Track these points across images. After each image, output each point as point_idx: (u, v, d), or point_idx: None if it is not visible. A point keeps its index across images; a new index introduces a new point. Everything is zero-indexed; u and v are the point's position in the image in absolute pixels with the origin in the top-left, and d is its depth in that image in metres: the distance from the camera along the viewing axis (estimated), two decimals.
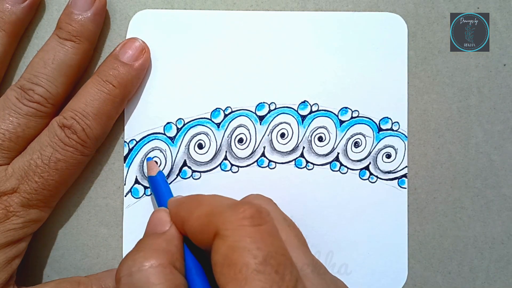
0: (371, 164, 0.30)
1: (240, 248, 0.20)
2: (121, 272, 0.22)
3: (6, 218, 0.26)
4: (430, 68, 0.30)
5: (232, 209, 0.21)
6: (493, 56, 0.30)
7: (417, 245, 0.30)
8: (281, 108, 0.30)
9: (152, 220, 0.25)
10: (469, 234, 0.30)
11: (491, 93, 0.30)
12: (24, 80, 0.27)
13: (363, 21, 0.30)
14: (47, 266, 0.30)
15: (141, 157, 0.30)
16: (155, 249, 0.22)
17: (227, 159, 0.30)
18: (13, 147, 0.27)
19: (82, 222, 0.30)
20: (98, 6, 0.28)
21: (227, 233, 0.20)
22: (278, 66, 0.30)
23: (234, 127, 0.30)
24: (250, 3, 0.30)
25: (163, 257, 0.22)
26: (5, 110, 0.27)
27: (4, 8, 0.28)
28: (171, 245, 0.23)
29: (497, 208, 0.30)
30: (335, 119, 0.30)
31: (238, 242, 0.20)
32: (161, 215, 0.25)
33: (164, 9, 0.30)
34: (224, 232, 0.20)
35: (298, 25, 0.30)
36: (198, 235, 0.22)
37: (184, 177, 0.30)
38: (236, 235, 0.20)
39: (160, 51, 0.30)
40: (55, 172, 0.27)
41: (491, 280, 0.30)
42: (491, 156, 0.30)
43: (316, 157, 0.30)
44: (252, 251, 0.20)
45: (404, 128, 0.30)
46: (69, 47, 0.28)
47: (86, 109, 0.27)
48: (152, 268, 0.21)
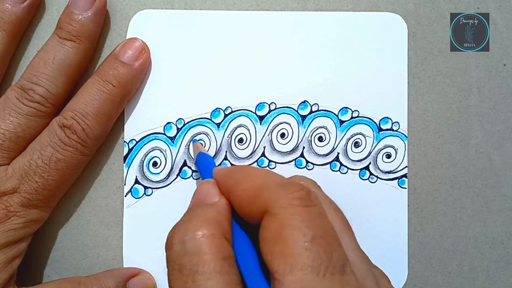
0: (371, 164, 0.30)
1: (290, 226, 0.20)
2: (173, 240, 0.22)
3: (7, 218, 0.26)
4: (430, 68, 0.30)
5: (282, 188, 0.21)
6: (493, 56, 0.30)
7: (417, 245, 0.30)
8: (281, 108, 0.30)
9: (199, 191, 0.25)
10: (469, 234, 0.30)
11: (491, 93, 0.30)
12: (24, 80, 0.27)
13: (363, 21, 0.30)
14: (47, 266, 0.30)
15: (141, 157, 0.30)
16: (207, 219, 0.22)
17: (227, 159, 0.30)
18: (13, 147, 0.27)
19: (82, 222, 0.30)
20: (98, 6, 0.28)
21: (278, 211, 0.20)
22: (278, 66, 0.30)
23: (234, 127, 0.30)
24: (250, 3, 0.30)
25: (214, 228, 0.22)
26: (5, 110, 0.27)
27: (4, 8, 0.28)
28: (221, 216, 0.23)
29: (497, 208, 0.30)
30: (335, 119, 0.30)
31: (288, 220, 0.20)
32: (210, 186, 0.25)
33: (164, 9, 0.30)
34: (274, 209, 0.21)
35: (298, 25, 0.30)
36: (245, 207, 0.22)
37: (184, 177, 0.30)
38: (287, 213, 0.20)
39: (160, 51, 0.30)
40: (55, 172, 0.27)
41: (491, 280, 0.30)
42: (491, 156, 0.30)
43: (316, 157, 0.30)
44: (302, 229, 0.20)
45: (404, 128, 0.30)
46: (69, 47, 0.28)
47: (86, 109, 0.27)
48: (204, 238, 0.21)
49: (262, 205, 0.21)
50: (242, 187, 0.23)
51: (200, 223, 0.22)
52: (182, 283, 0.21)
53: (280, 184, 0.22)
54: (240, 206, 0.23)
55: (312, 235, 0.20)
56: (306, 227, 0.20)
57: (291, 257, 0.19)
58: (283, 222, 0.20)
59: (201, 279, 0.20)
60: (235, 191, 0.23)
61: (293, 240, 0.20)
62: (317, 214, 0.21)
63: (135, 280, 0.28)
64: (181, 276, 0.21)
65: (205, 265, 0.21)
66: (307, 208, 0.21)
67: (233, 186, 0.23)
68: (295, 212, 0.20)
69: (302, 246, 0.19)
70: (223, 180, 0.24)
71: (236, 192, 0.23)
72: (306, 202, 0.21)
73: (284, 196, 0.21)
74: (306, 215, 0.20)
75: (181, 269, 0.21)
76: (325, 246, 0.20)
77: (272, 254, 0.20)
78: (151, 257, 0.29)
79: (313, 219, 0.20)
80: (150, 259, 0.29)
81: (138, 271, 0.29)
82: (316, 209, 0.21)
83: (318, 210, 0.21)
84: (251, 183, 0.22)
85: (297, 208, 0.20)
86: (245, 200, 0.22)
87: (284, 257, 0.20)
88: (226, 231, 0.22)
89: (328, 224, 0.21)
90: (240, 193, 0.23)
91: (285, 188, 0.21)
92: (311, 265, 0.19)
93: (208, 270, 0.21)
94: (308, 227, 0.20)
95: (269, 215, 0.21)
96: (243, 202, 0.22)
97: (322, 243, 0.20)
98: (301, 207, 0.21)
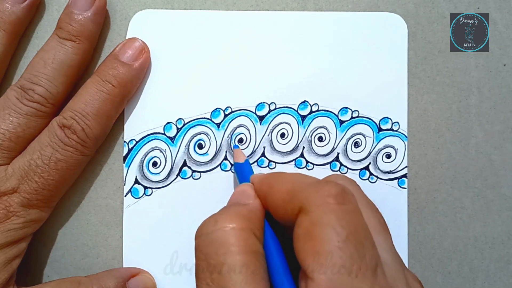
0: (371, 164, 0.30)
1: (323, 224, 0.20)
2: (202, 230, 0.22)
3: (6, 218, 0.26)
4: (430, 68, 0.30)
5: (315, 187, 0.21)
6: (493, 56, 0.30)
7: (417, 245, 0.30)
8: (281, 108, 0.30)
9: (236, 192, 0.25)
10: (469, 234, 0.30)
11: (491, 93, 0.30)
12: (24, 80, 0.27)
13: (363, 21, 0.30)
14: (47, 266, 0.30)
15: (140, 157, 0.30)
16: (238, 214, 0.22)
17: (227, 159, 0.30)
18: (13, 147, 0.27)
19: (82, 222, 0.30)
20: (98, 6, 0.28)
21: (311, 209, 0.20)
22: (278, 66, 0.30)
23: (234, 127, 0.30)
24: (250, 3, 0.30)
25: (244, 223, 0.22)
26: (5, 110, 0.27)
27: (4, 8, 0.28)
28: (253, 214, 0.23)
29: (497, 208, 0.30)
30: (335, 119, 0.30)
31: (321, 218, 0.20)
32: (246, 188, 0.25)
33: (164, 9, 0.30)
34: (308, 207, 0.21)
35: (298, 25, 0.30)
36: (280, 209, 0.22)
37: (184, 177, 0.30)
38: (321, 211, 0.20)
39: (160, 51, 0.30)
40: (55, 172, 0.27)
41: (491, 280, 0.30)
42: (491, 156, 0.30)
43: (316, 157, 0.30)
44: (336, 228, 0.20)
45: (404, 128, 0.30)
46: (69, 47, 0.28)
47: (85, 109, 0.27)
48: (233, 230, 0.21)
49: (296, 205, 0.21)
50: (275, 190, 0.23)
51: (231, 217, 0.22)
52: (208, 273, 0.21)
53: (314, 183, 0.22)
54: (275, 209, 0.23)
55: (345, 235, 0.20)
56: (340, 225, 0.20)
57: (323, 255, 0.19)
58: (316, 220, 0.20)
59: (227, 270, 0.20)
60: (269, 194, 0.23)
61: (326, 238, 0.20)
62: (352, 213, 0.21)
63: (135, 280, 0.28)
64: (207, 266, 0.21)
65: (231, 256, 0.21)
66: (341, 206, 0.20)
67: (267, 190, 0.23)
68: (329, 210, 0.20)
69: (335, 245, 0.19)
70: (259, 186, 0.25)
71: (271, 196, 0.23)
72: (341, 200, 0.21)
73: (318, 194, 0.21)
74: (340, 214, 0.20)
75: (207, 259, 0.21)
76: (358, 246, 0.20)
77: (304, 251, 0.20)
78: (151, 257, 0.29)
79: (348, 217, 0.20)
80: (150, 259, 0.29)
81: (138, 271, 0.29)
82: (351, 207, 0.21)
83: (353, 208, 0.21)
84: (285, 186, 0.23)
85: (332, 206, 0.20)
86: (279, 202, 0.22)
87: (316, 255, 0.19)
88: (256, 228, 0.22)
89: (362, 223, 0.21)
90: (273, 196, 0.23)
91: (320, 187, 0.21)
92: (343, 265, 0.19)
93: (234, 262, 0.21)
94: (342, 226, 0.20)
95: (303, 213, 0.21)
96: (278, 205, 0.22)
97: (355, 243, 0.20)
98: (336, 205, 0.20)
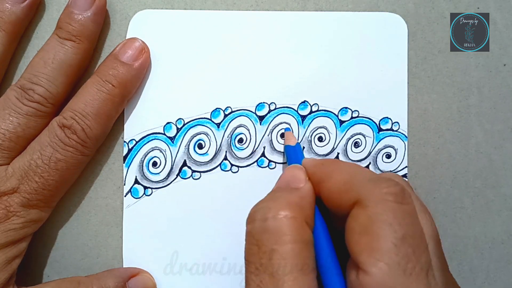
0: (371, 164, 0.30)
1: (381, 221, 0.20)
2: (255, 215, 0.22)
3: (7, 218, 0.26)
4: (430, 68, 0.30)
5: (375, 182, 0.21)
6: (493, 56, 0.30)
7: None
8: (281, 108, 0.30)
9: (286, 175, 0.25)
10: (469, 234, 0.30)
11: (491, 93, 0.30)
12: (24, 80, 0.27)
13: (363, 21, 0.30)
14: (47, 266, 0.30)
15: (140, 157, 0.30)
16: (290, 202, 0.22)
17: (227, 159, 0.30)
18: (13, 147, 0.27)
19: (82, 222, 0.30)
20: (98, 6, 0.28)
21: (370, 204, 0.20)
22: (278, 66, 0.30)
23: (234, 127, 0.30)
24: (250, 3, 0.30)
25: (297, 211, 0.22)
26: (5, 110, 0.27)
27: (4, 8, 0.28)
28: (305, 201, 0.23)
29: (497, 208, 0.30)
30: (335, 119, 0.30)
31: (379, 215, 0.20)
32: (297, 172, 0.25)
33: (164, 9, 0.30)
34: (366, 202, 0.21)
35: (298, 25, 0.30)
36: (335, 198, 0.22)
37: (184, 177, 0.30)
38: (379, 208, 0.20)
39: (160, 51, 0.30)
40: (55, 172, 0.27)
41: (491, 280, 0.30)
42: (491, 156, 0.30)
43: (316, 157, 0.30)
44: (393, 226, 0.20)
45: (404, 128, 0.30)
46: (69, 46, 0.28)
47: (85, 109, 0.27)
48: (286, 219, 0.21)
49: (353, 197, 0.21)
50: (333, 179, 0.23)
51: (284, 205, 0.22)
52: (258, 258, 0.21)
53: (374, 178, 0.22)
54: (329, 197, 0.23)
55: (402, 234, 0.20)
56: (397, 224, 0.20)
57: (379, 251, 0.19)
58: (374, 216, 0.20)
59: (277, 257, 0.21)
60: (325, 182, 0.23)
61: (383, 235, 0.20)
62: (410, 213, 0.21)
63: (135, 280, 0.28)
64: (258, 251, 0.21)
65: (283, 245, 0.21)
66: (400, 205, 0.21)
67: (323, 177, 0.23)
68: (388, 208, 0.20)
69: (392, 242, 0.20)
70: (313, 171, 0.24)
71: (327, 184, 0.23)
72: (400, 200, 0.21)
73: (378, 190, 0.21)
74: (399, 212, 0.20)
75: (259, 244, 0.21)
76: (414, 246, 0.20)
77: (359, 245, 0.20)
78: (151, 257, 0.29)
79: (405, 217, 0.20)
80: (150, 259, 0.29)
81: (138, 271, 0.29)
82: (409, 208, 0.21)
83: (411, 209, 0.21)
84: (342, 176, 0.23)
85: (390, 203, 0.20)
86: (335, 191, 0.22)
87: (372, 250, 0.20)
88: (308, 217, 0.22)
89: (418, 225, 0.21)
90: (330, 185, 0.23)
91: (379, 182, 0.21)
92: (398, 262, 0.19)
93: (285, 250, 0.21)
94: (399, 225, 0.20)
95: (360, 207, 0.21)
96: (333, 194, 0.22)
97: (412, 243, 0.20)
98: (395, 203, 0.21)
